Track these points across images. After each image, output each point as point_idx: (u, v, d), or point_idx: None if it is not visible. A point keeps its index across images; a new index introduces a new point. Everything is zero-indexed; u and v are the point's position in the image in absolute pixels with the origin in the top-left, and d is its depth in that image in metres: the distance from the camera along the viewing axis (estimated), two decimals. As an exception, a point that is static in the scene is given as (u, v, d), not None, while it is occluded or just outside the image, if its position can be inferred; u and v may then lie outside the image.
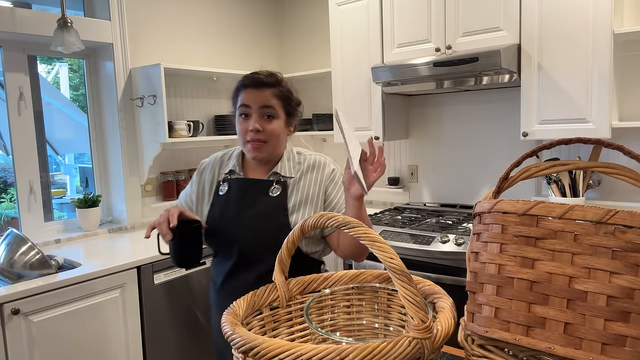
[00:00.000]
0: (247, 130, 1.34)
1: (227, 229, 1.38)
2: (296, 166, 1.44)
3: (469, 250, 0.77)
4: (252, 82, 1.35)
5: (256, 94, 1.34)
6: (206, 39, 3.15)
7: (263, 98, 1.34)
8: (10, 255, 2.04)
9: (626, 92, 2.23)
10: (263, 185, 1.40)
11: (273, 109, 1.35)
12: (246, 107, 1.35)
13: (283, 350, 0.65)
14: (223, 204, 1.41)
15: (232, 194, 1.41)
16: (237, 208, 1.38)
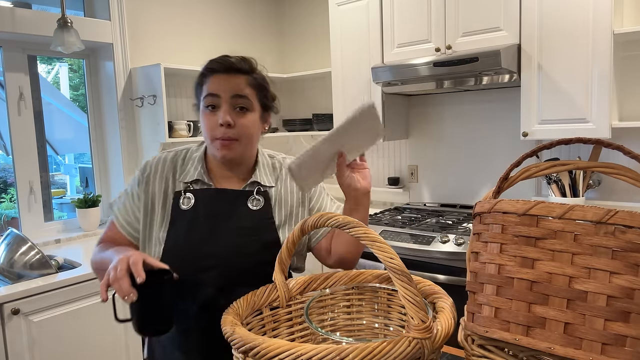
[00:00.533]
0: (216, 125, 1.09)
1: (198, 251, 1.09)
2: (274, 173, 1.22)
3: (469, 250, 0.77)
4: (221, 67, 1.10)
5: (227, 81, 1.09)
6: (206, 39, 3.15)
7: (235, 86, 1.09)
8: (10, 255, 2.04)
9: (626, 92, 2.23)
10: (240, 196, 1.15)
11: (247, 99, 1.11)
12: (214, 96, 1.09)
13: (283, 350, 0.65)
14: (190, 221, 1.11)
15: (201, 208, 1.12)
16: (211, 224, 1.11)
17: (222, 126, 1.08)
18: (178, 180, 1.15)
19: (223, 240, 1.10)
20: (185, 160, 1.18)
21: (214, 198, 1.13)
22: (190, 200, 1.13)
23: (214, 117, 1.09)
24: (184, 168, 1.17)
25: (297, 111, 3.61)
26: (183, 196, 1.13)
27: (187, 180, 1.14)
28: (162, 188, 1.15)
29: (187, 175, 1.15)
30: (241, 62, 1.12)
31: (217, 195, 1.14)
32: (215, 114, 1.09)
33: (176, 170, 1.17)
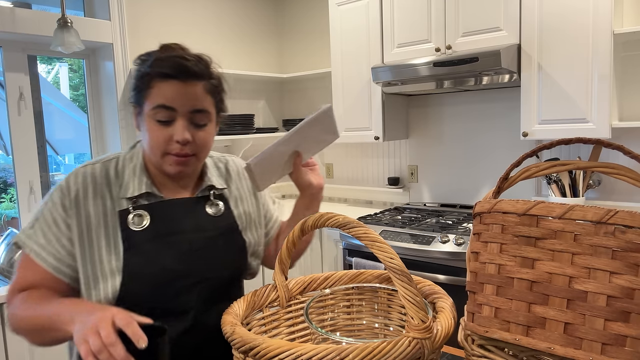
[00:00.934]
0: (169, 140, 0.94)
1: (173, 273, 0.95)
2: (223, 174, 1.12)
3: (469, 250, 0.77)
4: (177, 72, 0.91)
5: (184, 91, 0.92)
6: (206, 38, 3.15)
7: (194, 98, 0.94)
8: (10, 255, 2.04)
9: (626, 92, 2.23)
10: (198, 204, 1.03)
11: (207, 112, 0.97)
12: (168, 109, 0.92)
13: (283, 350, 0.65)
14: (151, 241, 0.95)
15: (160, 224, 0.97)
16: (177, 240, 0.97)
17: (177, 143, 0.93)
18: (118, 197, 0.97)
19: (196, 255, 0.98)
20: (119, 172, 0.99)
21: (171, 211, 0.99)
22: (143, 218, 0.96)
23: (166, 130, 0.93)
24: (121, 181, 0.98)
25: (297, 111, 3.61)
26: (132, 214, 0.95)
27: (130, 195, 0.96)
28: (98, 209, 0.95)
29: (129, 189, 0.97)
30: (198, 64, 0.95)
31: (173, 207, 1.00)
32: (167, 127, 0.93)
33: (111, 186, 0.97)
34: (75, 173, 0.98)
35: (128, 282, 0.92)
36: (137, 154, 1.02)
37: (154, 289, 0.93)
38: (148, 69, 0.93)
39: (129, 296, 0.92)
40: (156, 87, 0.92)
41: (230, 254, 1.04)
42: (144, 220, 0.96)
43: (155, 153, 0.96)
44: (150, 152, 0.96)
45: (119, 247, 0.93)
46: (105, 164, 1.00)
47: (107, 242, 0.94)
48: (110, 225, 0.95)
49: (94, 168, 0.99)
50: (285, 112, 3.69)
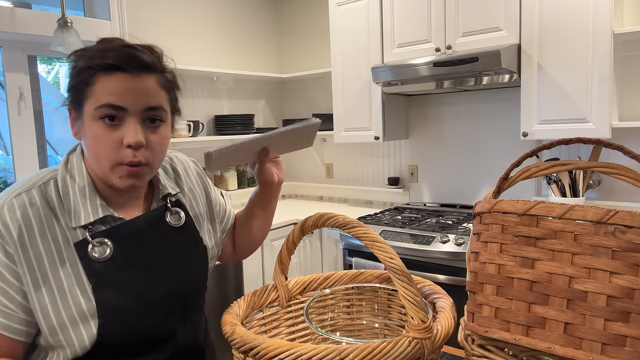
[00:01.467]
0: (119, 145, 0.79)
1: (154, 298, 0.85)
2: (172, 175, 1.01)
3: (469, 250, 0.77)
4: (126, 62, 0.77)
5: (135, 86, 0.78)
6: (206, 38, 3.15)
7: (146, 93, 0.80)
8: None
9: (626, 92, 2.23)
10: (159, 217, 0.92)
11: (162, 109, 0.83)
12: (118, 109, 0.78)
13: (283, 350, 0.65)
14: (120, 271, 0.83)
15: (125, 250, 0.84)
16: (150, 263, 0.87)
17: (129, 147, 0.79)
18: (69, 227, 0.81)
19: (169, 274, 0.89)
20: (62, 196, 0.82)
21: (133, 232, 0.86)
22: (105, 246, 0.82)
23: (114, 134, 0.78)
24: (68, 208, 0.82)
25: (297, 111, 3.61)
26: (91, 244, 0.81)
27: (84, 223, 0.81)
28: (50, 246, 0.79)
29: (81, 216, 0.82)
30: (150, 55, 0.82)
31: (135, 227, 0.87)
32: (115, 128, 0.78)
33: (57, 215, 0.81)
34: (10, 208, 0.78)
35: (106, 322, 0.79)
36: (79, 169, 0.85)
37: (136, 322, 0.82)
38: (89, 62, 0.78)
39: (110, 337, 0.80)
40: (100, 82, 0.77)
41: (198, 265, 0.97)
42: (107, 249, 0.82)
43: (103, 164, 0.80)
44: (96, 164, 0.81)
45: (85, 286, 0.80)
46: (41, 188, 0.82)
47: (69, 282, 0.79)
48: (67, 263, 0.80)
49: (31, 196, 0.80)
50: (285, 112, 3.70)
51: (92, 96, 0.78)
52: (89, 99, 0.78)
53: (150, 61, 0.81)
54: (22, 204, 0.79)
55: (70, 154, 0.88)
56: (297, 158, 3.68)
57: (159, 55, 0.85)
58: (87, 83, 0.78)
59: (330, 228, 2.25)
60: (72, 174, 0.85)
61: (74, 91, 0.81)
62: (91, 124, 0.79)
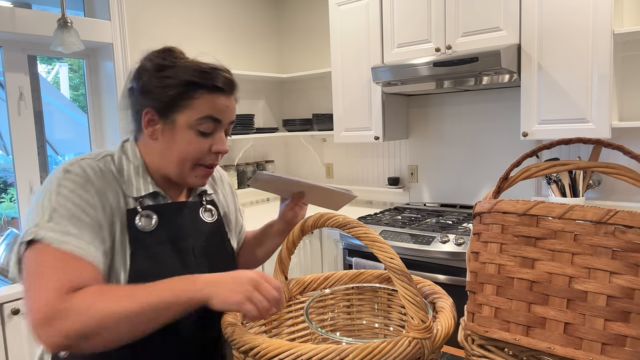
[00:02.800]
0: (207, 152, 0.94)
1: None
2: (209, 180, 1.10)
3: (469, 250, 0.77)
4: (228, 86, 0.94)
5: (229, 104, 0.95)
6: (206, 38, 3.15)
7: (233, 110, 0.97)
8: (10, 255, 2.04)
9: (626, 92, 2.23)
10: (195, 208, 1.02)
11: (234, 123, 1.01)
12: (216, 121, 0.93)
13: (283, 350, 0.65)
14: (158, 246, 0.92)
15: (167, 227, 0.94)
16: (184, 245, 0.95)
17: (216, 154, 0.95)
18: (125, 194, 0.91)
19: (198, 261, 0.96)
20: (119, 170, 0.93)
21: (176, 214, 0.96)
22: (151, 218, 0.92)
23: (206, 141, 0.93)
24: (125, 179, 0.93)
25: (297, 111, 3.61)
26: (140, 214, 0.91)
27: (136, 195, 0.92)
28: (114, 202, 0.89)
29: (134, 189, 0.92)
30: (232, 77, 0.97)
31: (178, 210, 0.97)
32: (207, 138, 0.93)
33: (118, 181, 0.92)
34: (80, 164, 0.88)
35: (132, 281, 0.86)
36: (134, 154, 0.95)
37: None
38: (191, 78, 0.90)
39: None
40: (202, 98, 0.91)
41: (224, 261, 1.03)
42: (152, 221, 0.92)
43: (186, 164, 0.93)
44: (179, 163, 0.93)
45: (126, 247, 0.88)
46: (107, 162, 0.93)
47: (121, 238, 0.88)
48: (116, 222, 0.88)
49: (97, 163, 0.90)
50: (285, 112, 3.70)
51: (191, 108, 0.90)
52: (188, 109, 0.90)
53: (235, 84, 0.96)
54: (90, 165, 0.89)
55: (125, 142, 0.99)
56: (297, 158, 3.68)
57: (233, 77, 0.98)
58: (188, 96, 0.90)
59: (330, 228, 2.25)
60: (127, 156, 0.95)
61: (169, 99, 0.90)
62: (186, 132, 0.91)
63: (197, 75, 0.90)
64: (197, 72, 0.91)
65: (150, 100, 0.91)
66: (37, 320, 0.73)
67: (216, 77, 0.92)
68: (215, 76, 0.92)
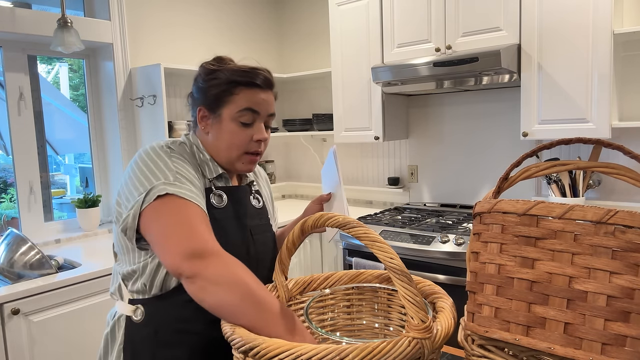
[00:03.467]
0: (249, 140, 1.07)
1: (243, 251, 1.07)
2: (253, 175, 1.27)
3: (469, 250, 0.77)
4: (263, 83, 1.08)
5: (267, 98, 1.08)
6: (206, 38, 3.15)
7: (271, 104, 1.10)
8: (10, 255, 2.04)
9: (626, 92, 2.23)
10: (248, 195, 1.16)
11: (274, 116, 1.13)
12: (254, 113, 1.06)
13: (283, 350, 0.65)
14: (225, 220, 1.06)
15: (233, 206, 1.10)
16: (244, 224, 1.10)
17: (258, 142, 1.08)
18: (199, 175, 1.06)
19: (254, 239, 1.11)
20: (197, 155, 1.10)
21: (239, 196, 1.12)
22: (221, 198, 1.07)
23: (247, 131, 1.07)
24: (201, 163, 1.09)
25: (297, 111, 3.61)
26: (214, 193, 1.07)
27: (211, 176, 1.08)
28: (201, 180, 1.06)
29: (207, 171, 1.08)
30: (270, 76, 1.11)
31: (240, 193, 1.13)
32: (248, 128, 1.07)
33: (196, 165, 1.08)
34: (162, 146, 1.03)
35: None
36: (199, 146, 1.10)
37: None
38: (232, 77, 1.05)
39: None
40: (242, 93, 1.05)
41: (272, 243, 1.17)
42: (223, 200, 1.07)
43: (233, 152, 1.07)
44: (227, 152, 1.07)
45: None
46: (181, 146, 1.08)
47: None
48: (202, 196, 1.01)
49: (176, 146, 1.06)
50: (285, 112, 3.70)
51: (233, 102, 1.05)
52: (230, 104, 1.05)
53: (273, 81, 1.11)
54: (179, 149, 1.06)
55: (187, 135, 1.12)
56: (297, 158, 3.68)
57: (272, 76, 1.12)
58: (230, 93, 1.05)
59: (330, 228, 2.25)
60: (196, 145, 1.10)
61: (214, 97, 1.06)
62: (229, 123, 1.06)
63: (238, 75, 1.05)
64: (237, 72, 1.06)
65: (202, 100, 1.08)
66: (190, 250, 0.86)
67: (253, 75, 1.06)
68: (252, 74, 1.06)
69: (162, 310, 0.99)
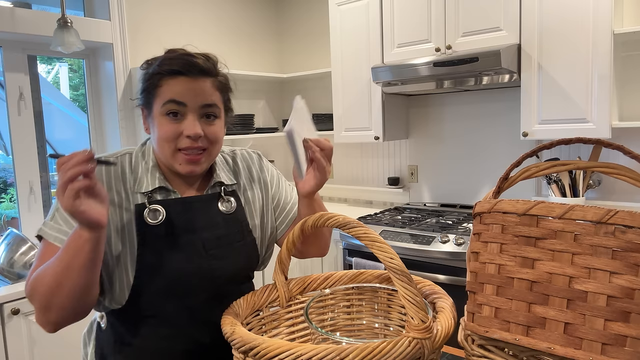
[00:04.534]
0: (179, 135, 0.95)
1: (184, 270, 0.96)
2: (230, 169, 1.12)
3: (469, 250, 0.77)
4: (185, 68, 0.94)
5: (193, 86, 0.95)
6: (206, 38, 3.14)
7: (203, 93, 0.96)
8: (10, 255, 2.04)
9: (626, 92, 2.23)
10: (210, 201, 1.04)
11: (216, 106, 0.98)
12: (179, 104, 0.94)
13: (283, 350, 0.65)
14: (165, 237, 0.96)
15: (175, 220, 0.97)
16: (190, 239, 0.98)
17: (188, 137, 0.94)
18: (133, 191, 0.97)
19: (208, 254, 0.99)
20: (133, 167, 1.00)
21: (185, 208, 0.99)
22: (158, 213, 0.96)
23: (176, 125, 0.95)
24: (135, 176, 0.99)
25: (297, 111, 3.61)
26: (148, 209, 0.95)
27: (145, 190, 0.97)
28: (114, 201, 0.96)
29: (143, 184, 0.98)
30: (207, 62, 0.98)
31: (187, 204, 1.00)
32: (177, 122, 0.95)
33: (126, 180, 0.98)
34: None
35: (140, 274, 0.94)
36: (149, 152, 1.02)
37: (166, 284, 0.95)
38: (157, 69, 0.96)
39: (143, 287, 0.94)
40: (165, 84, 0.95)
41: (241, 253, 1.04)
42: (159, 215, 0.96)
43: (166, 151, 0.96)
44: (160, 150, 0.97)
45: (134, 241, 0.94)
46: (118, 158, 1.00)
47: (122, 235, 0.94)
48: (125, 219, 0.95)
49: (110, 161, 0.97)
50: (285, 112, 3.70)
51: (159, 95, 0.95)
52: (157, 98, 0.96)
53: (206, 67, 0.97)
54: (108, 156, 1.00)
55: (148, 139, 1.06)
56: (297, 158, 3.68)
57: (214, 62, 1.01)
58: (155, 85, 0.96)
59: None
60: (143, 154, 1.02)
61: (145, 93, 0.99)
62: (158, 118, 0.96)
63: (161, 65, 0.95)
64: (162, 62, 0.96)
65: (140, 98, 1.01)
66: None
67: (175, 62, 0.94)
68: (174, 62, 0.95)
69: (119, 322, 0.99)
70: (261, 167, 1.17)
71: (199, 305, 0.99)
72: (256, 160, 1.18)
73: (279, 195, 1.17)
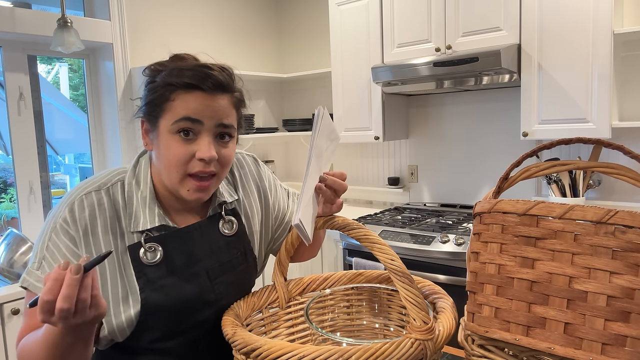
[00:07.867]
0: (191, 158, 0.84)
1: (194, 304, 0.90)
2: (230, 181, 1.03)
3: (469, 250, 0.77)
4: (204, 84, 0.83)
5: (211, 104, 0.84)
6: (206, 38, 3.14)
7: (220, 111, 0.85)
8: (10, 255, 2.04)
9: (626, 92, 2.23)
10: (211, 226, 0.95)
11: (232, 127, 0.88)
12: (194, 122, 0.83)
13: (285, 351, 0.65)
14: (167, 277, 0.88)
15: (176, 256, 0.89)
16: (196, 270, 0.91)
17: (201, 161, 0.84)
18: (128, 230, 0.87)
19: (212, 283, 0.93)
20: (127, 199, 0.89)
21: (184, 241, 0.91)
22: (156, 251, 0.87)
23: (188, 147, 0.84)
24: (130, 212, 0.88)
25: (297, 111, 3.61)
26: (144, 248, 0.87)
27: (142, 229, 0.87)
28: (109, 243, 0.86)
29: (140, 222, 0.87)
30: (224, 75, 0.87)
31: (187, 235, 0.92)
32: (189, 143, 0.84)
33: (120, 218, 0.88)
34: (80, 205, 0.85)
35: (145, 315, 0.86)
36: (145, 176, 0.91)
37: (172, 318, 0.89)
38: (167, 79, 0.84)
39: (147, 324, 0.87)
40: (179, 99, 0.83)
41: (243, 277, 0.99)
42: (157, 254, 0.88)
43: (173, 175, 0.85)
44: (167, 175, 0.86)
45: (134, 285, 0.86)
46: (109, 190, 0.88)
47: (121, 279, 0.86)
48: (121, 262, 0.86)
49: (100, 197, 0.87)
50: (285, 112, 3.70)
51: (170, 111, 0.84)
52: (167, 113, 0.84)
53: (225, 81, 0.86)
54: (91, 203, 0.86)
55: (141, 156, 0.94)
56: (297, 158, 3.68)
57: (231, 75, 0.89)
58: (166, 99, 0.84)
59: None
60: (137, 180, 0.91)
61: (150, 105, 0.86)
62: (167, 137, 0.84)
63: (175, 75, 0.83)
64: (175, 72, 0.84)
65: (143, 109, 0.89)
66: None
67: (194, 75, 0.83)
68: (194, 74, 0.83)
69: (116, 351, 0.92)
70: (259, 175, 1.08)
71: (201, 333, 0.93)
72: (252, 165, 1.08)
73: (277, 203, 1.10)
